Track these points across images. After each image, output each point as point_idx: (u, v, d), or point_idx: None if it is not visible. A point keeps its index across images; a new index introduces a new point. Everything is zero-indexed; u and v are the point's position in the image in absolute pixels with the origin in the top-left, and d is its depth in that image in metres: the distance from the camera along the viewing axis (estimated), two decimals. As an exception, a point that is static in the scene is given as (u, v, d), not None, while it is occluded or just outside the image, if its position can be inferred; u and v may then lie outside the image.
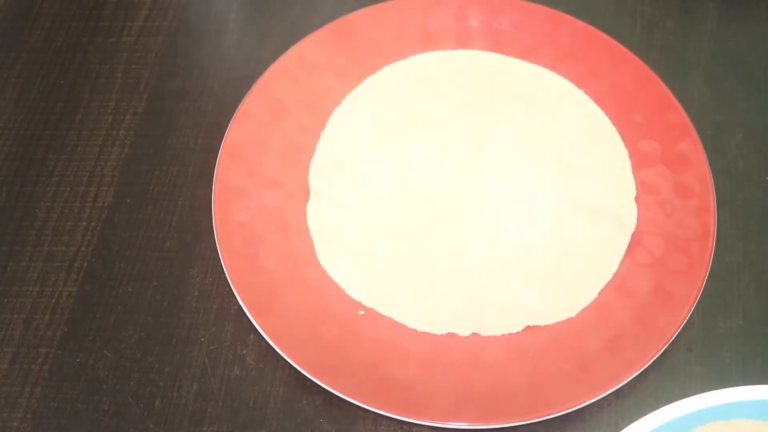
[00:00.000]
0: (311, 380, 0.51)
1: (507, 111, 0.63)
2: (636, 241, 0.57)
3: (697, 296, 0.54)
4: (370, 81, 0.64)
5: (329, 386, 0.51)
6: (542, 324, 0.54)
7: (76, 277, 0.57)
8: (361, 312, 0.55)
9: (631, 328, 0.53)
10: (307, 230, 0.57)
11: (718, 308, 0.55)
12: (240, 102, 0.61)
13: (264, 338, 0.53)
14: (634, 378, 0.51)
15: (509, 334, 0.54)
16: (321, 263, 0.56)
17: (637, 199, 0.59)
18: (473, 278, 0.56)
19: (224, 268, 0.55)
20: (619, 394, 0.52)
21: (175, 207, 0.59)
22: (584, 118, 0.62)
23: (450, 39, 0.66)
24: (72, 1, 0.69)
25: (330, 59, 0.64)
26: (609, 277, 0.56)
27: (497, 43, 0.65)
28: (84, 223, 0.59)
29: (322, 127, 0.62)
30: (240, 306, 0.54)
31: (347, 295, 0.55)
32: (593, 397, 0.50)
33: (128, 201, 0.60)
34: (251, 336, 0.54)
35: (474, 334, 0.54)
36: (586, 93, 0.63)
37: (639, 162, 0.60)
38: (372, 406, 0.50)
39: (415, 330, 0.54)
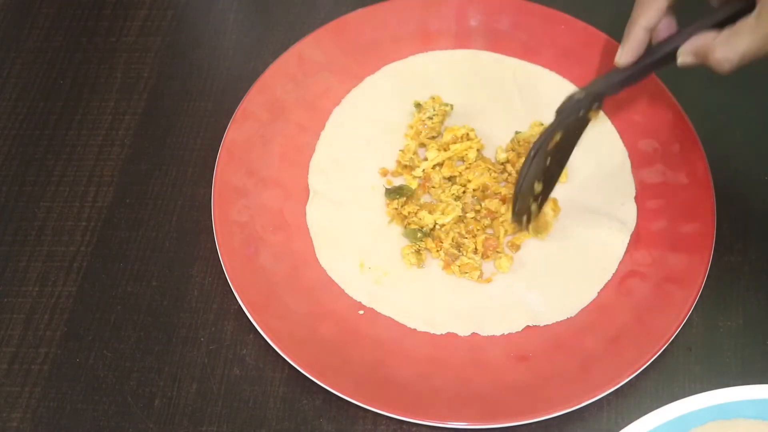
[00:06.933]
0: (311, 380, 0.51)
1: (506, 110, 0.63)
2: (635, 241, 0.57)
3: (696, 296, 0.54)
4: (369, 80, 0.64)
5: (329, 386, 0.51)
6: (542, 324, 0.54)
7: (76, 277, 0.57)
8: (361, 311, 0.55)
9: (630, 328, 0.53)
10: (306, 230, 0.57)
11: (717, 308, 0.55)
12: (239, 102, 0.61)
13: (263, 338, 0.53)
14: (634, 377, 0.51)
15: (509, 333, 0.54)
16: (320, 263, 0.56)
17: (636, 199, 0.59)
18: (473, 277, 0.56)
19: (224, 267, 0.55)
20: (618, 393, 0.52)
21: (175, 207, 0.59)
22: (584, 118, 0.62)
23: (449, 38, 0.66)
24: (71, 1, 0.69)
25: (329, 59, 0.64)
26: (608, 276, 0.56)
27: (496, 43, 0.65)
28: (83, 223, 0.59)
29: (322, 126, 0.62)
30: (239, 306, 0.54)
31: (347, 295, 0.55)
32: (593, 397, 0.50)
33: (128, 201, 0.60)
34: (251, 336, 0.54)
35: (473, 333, 0.54)
36: (585, 92, 0.63)
37: (638, 161, 0.60)
38: (371, 406, 0.50)
39: (415, 330, 0.54)
